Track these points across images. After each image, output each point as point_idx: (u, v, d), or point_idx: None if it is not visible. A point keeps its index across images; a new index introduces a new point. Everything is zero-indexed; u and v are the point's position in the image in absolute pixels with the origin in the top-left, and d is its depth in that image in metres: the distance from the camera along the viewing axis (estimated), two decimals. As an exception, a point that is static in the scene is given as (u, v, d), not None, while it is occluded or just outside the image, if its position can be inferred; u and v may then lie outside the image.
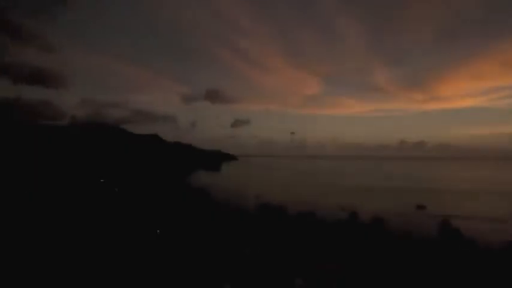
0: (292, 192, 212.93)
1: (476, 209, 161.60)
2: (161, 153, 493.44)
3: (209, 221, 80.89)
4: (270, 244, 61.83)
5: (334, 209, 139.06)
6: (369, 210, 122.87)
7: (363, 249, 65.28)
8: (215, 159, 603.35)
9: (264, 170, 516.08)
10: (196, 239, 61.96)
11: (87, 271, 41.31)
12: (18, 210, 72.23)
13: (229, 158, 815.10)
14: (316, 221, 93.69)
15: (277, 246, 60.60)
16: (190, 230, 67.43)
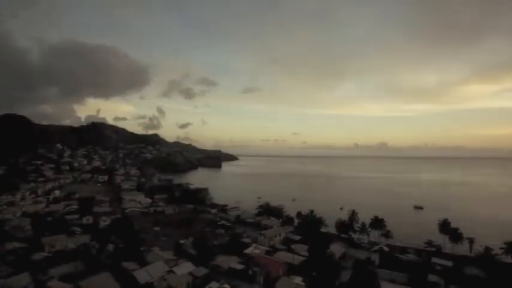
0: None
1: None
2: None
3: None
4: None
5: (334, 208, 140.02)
6: (369, 210, 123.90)
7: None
8: (216, 159, 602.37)
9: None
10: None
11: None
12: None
13: (229, 158, 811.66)
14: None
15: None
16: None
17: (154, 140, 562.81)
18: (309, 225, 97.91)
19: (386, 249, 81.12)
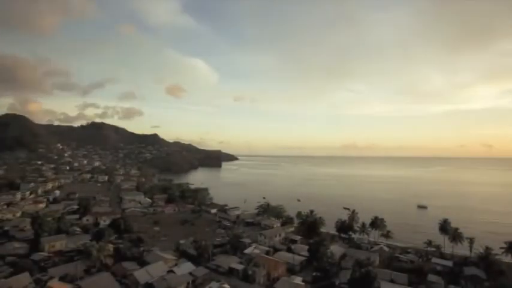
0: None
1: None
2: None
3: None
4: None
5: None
6: (370, 210, 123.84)
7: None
8: (216, 159, 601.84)
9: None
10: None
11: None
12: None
13: (229, 158, 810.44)
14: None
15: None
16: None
17: (154, 140, 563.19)
18: (309, 225, 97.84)
19: (386, 249, 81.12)
